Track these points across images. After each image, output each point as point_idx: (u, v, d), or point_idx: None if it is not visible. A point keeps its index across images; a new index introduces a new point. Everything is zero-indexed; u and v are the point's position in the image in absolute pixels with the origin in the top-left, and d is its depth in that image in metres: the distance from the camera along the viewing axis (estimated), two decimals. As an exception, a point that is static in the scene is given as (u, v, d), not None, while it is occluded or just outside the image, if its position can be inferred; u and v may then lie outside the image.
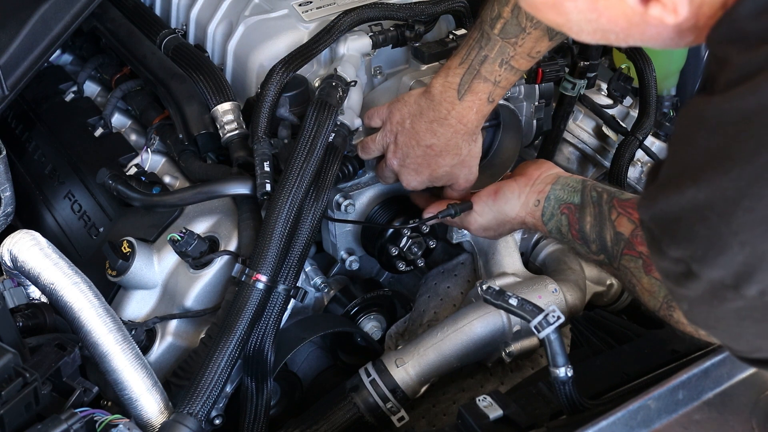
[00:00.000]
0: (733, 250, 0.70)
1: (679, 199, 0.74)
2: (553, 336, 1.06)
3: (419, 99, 1.33)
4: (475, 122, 1.32)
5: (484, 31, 1.27)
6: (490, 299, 1.12)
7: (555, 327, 1.05)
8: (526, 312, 1.08)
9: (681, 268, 0.75)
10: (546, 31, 1.24)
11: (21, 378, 0.95)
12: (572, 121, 1.75)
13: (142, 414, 1.15)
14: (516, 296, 1.10)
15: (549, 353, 1.07)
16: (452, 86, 1.29)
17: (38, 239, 1.19)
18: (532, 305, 1.08)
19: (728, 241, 0.70)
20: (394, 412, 1.37)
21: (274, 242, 1.25)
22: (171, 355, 1.37)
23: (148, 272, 1.38)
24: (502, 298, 1.10)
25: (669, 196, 0.75)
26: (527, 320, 1.08)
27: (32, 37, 1.41)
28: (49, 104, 1.75)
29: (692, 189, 0.72)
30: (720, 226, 0.71)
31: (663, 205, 0.75)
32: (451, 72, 1.29)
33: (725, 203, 0.70)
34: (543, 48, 1.27)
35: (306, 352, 1.58)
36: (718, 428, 1.06)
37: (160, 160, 1.55)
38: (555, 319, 1.05)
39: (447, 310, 1.53)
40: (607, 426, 1.02)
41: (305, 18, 1.54)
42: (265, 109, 1.38)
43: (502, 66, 1.27)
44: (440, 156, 1.34)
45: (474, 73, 1.28)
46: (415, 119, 1.33)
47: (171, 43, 1.59)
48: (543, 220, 1.31)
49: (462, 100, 1.29)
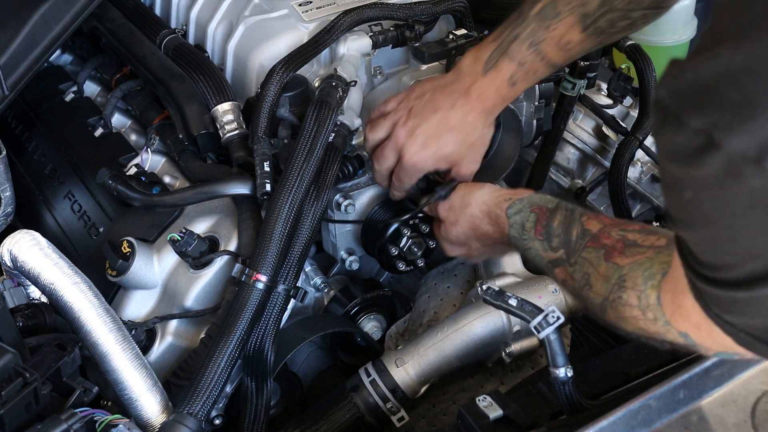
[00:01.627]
0: (765, 114, 0.66)
1: (711, 65, 0.69)
2: (553, 336, 1.06)
3: (446, 75, 1.33)
4: (494, 101, 1.30)
5: (522, 11, 1.27)
6: (490, 300, 1.12)
7: (555, 327, 1.05)
8: (525, 312, 1.08)
9: (700, 140, 0.70)
10: (580, 19, 1.23)
11: (21, 378, 0.95)
12: (572, 121, 1.75)
13: (142, 414, 1.15)
14: (516, 297, 1.10)
15: (549, 353, 1.07)
16: (480, 60, 1.29)
17: (38, 239, 1.19)
18: (531, 306, 1.08)
19: (761, 104, 0.66)
20: (394, 412, 1.37)
21: (274, 242, 1.25)
22: (171, 355, 1.37)
23: (148, 272, 1.38)
24: (502, 298, 1.10)
25: (700, 63, 0.70)
26: (527, 321, 1.08)
27: (32, 37, 1.41)
28: (49, 104, 1.75)
29: (730, 51, 0.68)
30: (756, 88, 0.66)
31: (691, 74, 0.71)
32: (483, 46, 1.30)
33: (764, 65, 0.66)
34: (574, 38, 1.26)
35: (306, 352, 1.58)
36: (718, 428, 1.06)
37: (160, 160, 1.55)
38: (555, 319, 1.05)
39: (447, 310, 1.53)
40: (607, 426, 1.02)
41: (305, 18, 1.54)
42: (265, 109, 1.38)
43: (531, 48, 1.26)
44: (453, 131, 1.31)
45: (503, 50, 1.28)
46: (436, 91, 1.32)
47: (171, 43, 1.59)
48: (508, 213, 1.26)
49: (485, 75, 1.28)
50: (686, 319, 0.95)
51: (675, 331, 0.97)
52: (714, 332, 0.88)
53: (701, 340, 0.94)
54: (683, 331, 0.96)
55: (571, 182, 1.79)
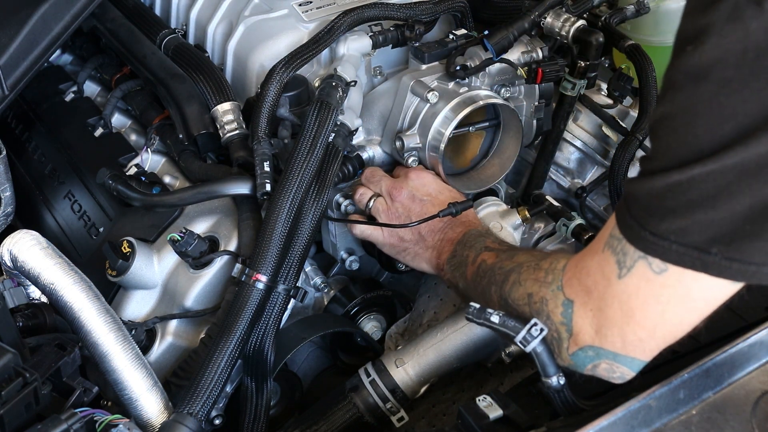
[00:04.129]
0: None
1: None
2: (540, 348, 1.06)
3: None
4: None
5: None
6: (472, 318, 1.11)
7: (540, 339, 1.05)
8: (508, 329, 1.07)
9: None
10: None
11: (21, 378, 0.95)
12: (572, 121, 1.75)
13: (142, 414, 1.15)
14: (497, 313, 1.09)
15: (539, 365, 1.07)
16: None
17: (38, 239, 1.19)
18: (513, 320, 1.07)
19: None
20: (394, 412, 1.37)
21: (274, 242, 1.25)
22: (171, 355, 1.37)
23: (148, 272, 1.38)
24: (483, 315, 1.09)
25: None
26: (511, 337, 1.07)
27: (32, 37, 1.41)
28: (49, 104, 1.75)
29: None
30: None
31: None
32: None
33: None
34: None
35: (306, 352, 1.58)
36: (718, 428, 1.05)
37: (160, 160, 1.55)
38: (538, 332, 1.05)
39: (447, 311, 1.53)
40: (607, 425, 1.02)
41: (305, 18, 1.54)
42: (265, 109, 1.38)
43: None
44: None
45: None
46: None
47: (171, 43, 1.59)
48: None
49: None
50: (581, 282, 0.99)
51: (560, 299, 1.01)
52: (605, 294, 0.94)
53: (581, 313, 0.99)
54: (570, 298, 1.00)
55: (571, 182, 1.78)
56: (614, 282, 0.95)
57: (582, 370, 1.04)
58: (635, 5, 1.75)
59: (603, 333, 0.98)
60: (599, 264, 0.97)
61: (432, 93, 1.41)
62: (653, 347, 0.98)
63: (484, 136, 1.53)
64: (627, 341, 0.97)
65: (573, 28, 1.53)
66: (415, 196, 1.38)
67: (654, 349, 0.98)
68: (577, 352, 1.02)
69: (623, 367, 1.01)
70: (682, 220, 0.85)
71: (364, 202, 1.41)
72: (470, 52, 1.50)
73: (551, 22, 1.54)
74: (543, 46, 1.55)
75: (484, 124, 1.50)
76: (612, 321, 0.97)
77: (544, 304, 1.04)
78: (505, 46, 1.46)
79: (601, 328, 0.98)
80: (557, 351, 1.05)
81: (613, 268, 0.95)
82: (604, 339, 0.98)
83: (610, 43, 1.68)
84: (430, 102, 1.42)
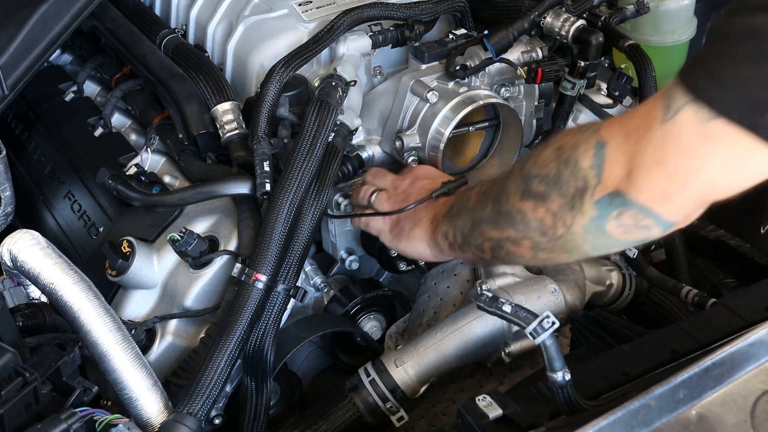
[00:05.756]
0: None
1: None
2: (549, 341, 1.06)
3: None
4: None
5: None
6: (484, 306, 1.11)
7: (550, 333, 1.05)
8: (520, 319, 1.08)
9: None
10: None
11: (21, 378, 0.95)
12: (572, 121, 1.75)
13: (142, 413, 1.15)
14: (510, 303, 1.09)
15: (546, 358, 1.07)
16: None
17: (38, 239, 1.19)
18: (526, 311, 1.07)
19: None
20: (394, 412, 1.37)
21: (273, 242, 1.25)
22: (171, 354, 1.37)
23: (148, 272, 1.38)
24: (496, 305, 1.09)
25: None
26: (522, 327, 1.07)
27: (32, 37, 1.41)
28: (49, 104, 1.75)
29: None
30: None
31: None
32: None
33: None
34: None
35: (306, 352, 1.58)
36: (718, 428, 1.05)
37: (160, 160, 1.55)
38: (550, 324, 1.05)
39: (447, 310, 1.53)
40: (607, 425, 1.02)
41: (305, 18, 1.54)
42: (264, 109, 1.38)
43: None
44: None
45: None
46: None
47: (171, 42, 1.59)
48: None
49: None
50: (623, 125, 0.91)
51: (593, 141, 0.93)
52: (643, 137, 0.87)
53: (614, 156, 0.91)
54: (605, 139, 0.93)
55: (571, 182, 1.78)
56: (656, 126, 0.86)
57: (605, 220, 0.94)
58: (635, 5, 1.75)
59: (632, 179, 0.90)
60: (647, 108, 0.88)
61: (432, 93, 1.42)
62: (680, 206, 0.89)
63: (483, 135, 1.53)
64: (654, 192, 0.89)
65: (573, 28, 1.53)
66: (415, 183, 1.37)
67: (681, 208, 0.90)
68: (603, 198, 0.93)
69: (648, 219, 0.91)
70: (747, 69, 0.77)
71: (366, 196, 1.41)
72: (470, 52, 1.50)
73: (551, 21, 1.54)
74: (543, 46, 1.55)
75: (484, 124, 1.50)
76: (644, 166, 0.88)
77: (575, 150, 0.95)
78: (504, 45, 1.47)
79: (631, 172, 0.89)
80: (579, 205, 0.96)
81: (659, 113, 0.86)
82: (632, 185, 0.90)
83: (610, 42, 1.68)
84: (430, 102, 1.42)
